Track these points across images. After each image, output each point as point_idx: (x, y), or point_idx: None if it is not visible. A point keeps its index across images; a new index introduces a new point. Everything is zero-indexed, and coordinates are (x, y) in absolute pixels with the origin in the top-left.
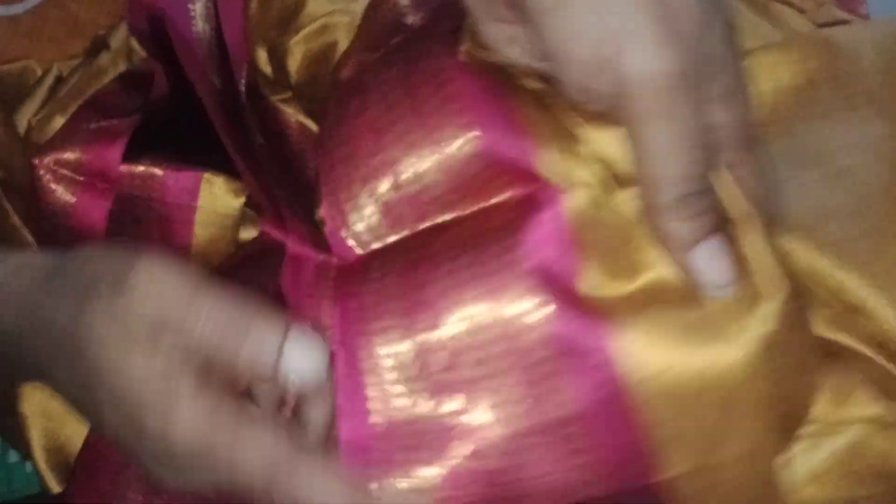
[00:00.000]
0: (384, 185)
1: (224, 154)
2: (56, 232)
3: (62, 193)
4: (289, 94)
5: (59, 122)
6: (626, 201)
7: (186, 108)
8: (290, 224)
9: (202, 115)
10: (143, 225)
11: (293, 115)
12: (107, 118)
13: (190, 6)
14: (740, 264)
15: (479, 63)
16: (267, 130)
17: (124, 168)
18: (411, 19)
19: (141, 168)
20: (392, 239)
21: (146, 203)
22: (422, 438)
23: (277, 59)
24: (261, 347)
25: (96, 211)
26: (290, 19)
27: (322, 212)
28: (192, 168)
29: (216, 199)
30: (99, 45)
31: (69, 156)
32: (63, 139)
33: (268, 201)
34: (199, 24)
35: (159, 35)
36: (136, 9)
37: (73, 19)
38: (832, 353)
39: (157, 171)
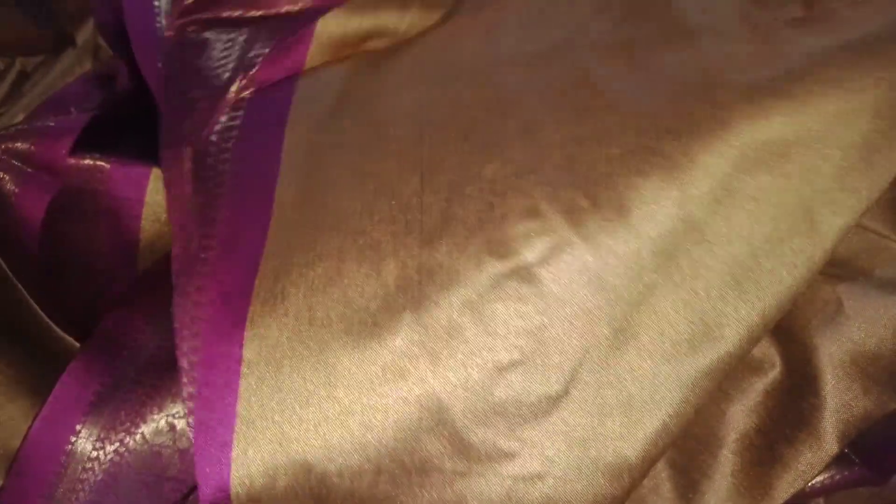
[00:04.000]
0: None
1: None
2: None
3: (7, 183)
4: None
5: (19, 116)
6: None
7: (146, 106)
8: None
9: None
10: (88, 219)
11: None
12: (65, 115)
13: (155, 1)
14: None
15: None
16: None
17: (72, 160)
18: None
19: (88, 161)
20: None
21: (92, 196)
22: None
23: None
24: None
25: (39, 203)
26: None
27: None
28: (142, 163)
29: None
30: (65, 40)
31: (20, 146)
32: (18, 132)
33: None
34: (164, 21)
35: (124, 30)
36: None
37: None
38: None
39: (105, 164)
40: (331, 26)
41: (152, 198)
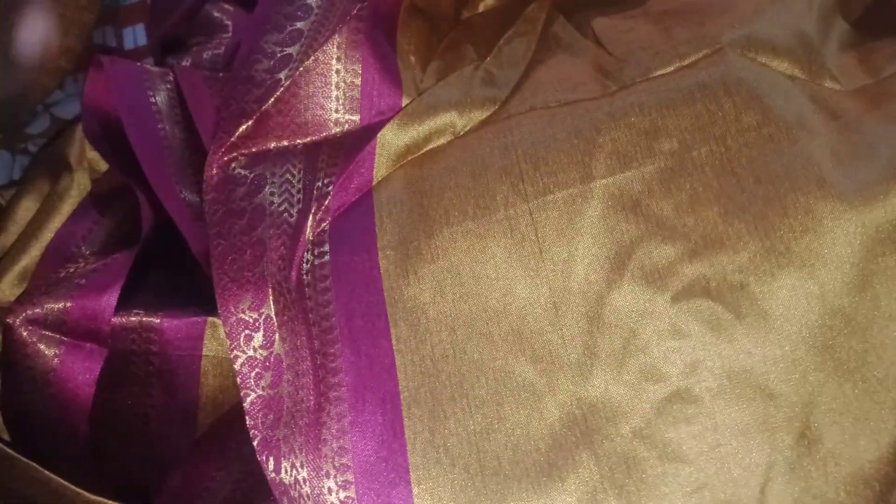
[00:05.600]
0: None
1: None
2: (32, 401)
3: (43, 357)
4: None
5: (20, 264)
6: None
7: (170, 228)
8: None
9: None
10: (139, 383)
11: None
12: (83, 258)
13: (151, 100)
14: None
15: None
16: None
17: (116, 321)
18: None
19: (134, 319)
20: None
21: (143, 358)
22: None
23: None
24: None
25: (82, 375)
26: None
27: None
28: (192, 311)
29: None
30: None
31: (50, 310)
32: (39, 291)
33: None
34: (166, 126)
35: (117, 140)
36: (89, 111)
37: None
38: None
39: (154, 321)
40: (391, 139)
41: (211, 349)
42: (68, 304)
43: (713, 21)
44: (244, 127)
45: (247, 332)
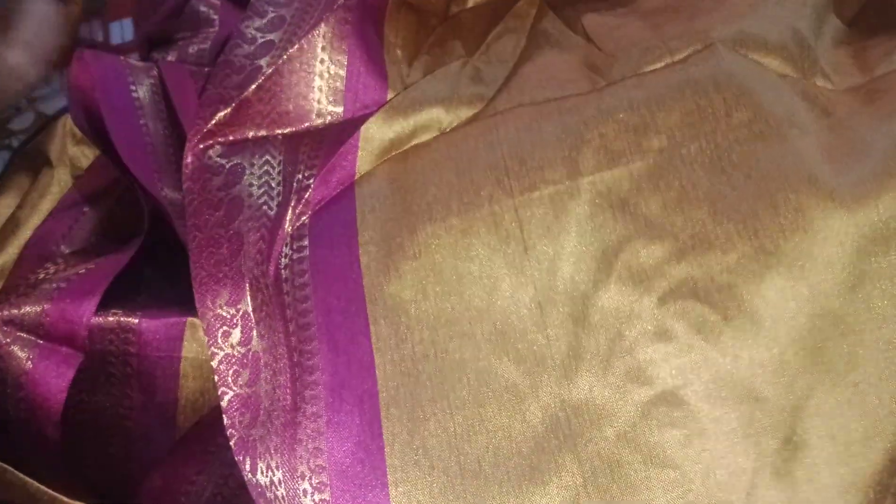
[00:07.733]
0: None
1: None
2: (4, 404)
3: (16, 359)
4: None
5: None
6: None
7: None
8: None
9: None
10: (116, 384)
11: None
12: (63, 257)
13: (134, 95)
14: None
15: None
16: None
17: (94, 321)
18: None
19: (112, 320)
20: None
21: (122, 359)
22: None
23: None
24: None
25: (58, 381)
26: None
27: None
28: (172, 312)
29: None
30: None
31: (27, 312)
32: (17, 291)
33: None
34: (148, 122)
35: (104, 134)
36: (77, 105)
37: None
38: None
39: (133, 322)
40: (375, 133)
41: (191, 351)
42: (46, 307)
43: (704, 17)
44: (222, 114)
45: (224, 328)
